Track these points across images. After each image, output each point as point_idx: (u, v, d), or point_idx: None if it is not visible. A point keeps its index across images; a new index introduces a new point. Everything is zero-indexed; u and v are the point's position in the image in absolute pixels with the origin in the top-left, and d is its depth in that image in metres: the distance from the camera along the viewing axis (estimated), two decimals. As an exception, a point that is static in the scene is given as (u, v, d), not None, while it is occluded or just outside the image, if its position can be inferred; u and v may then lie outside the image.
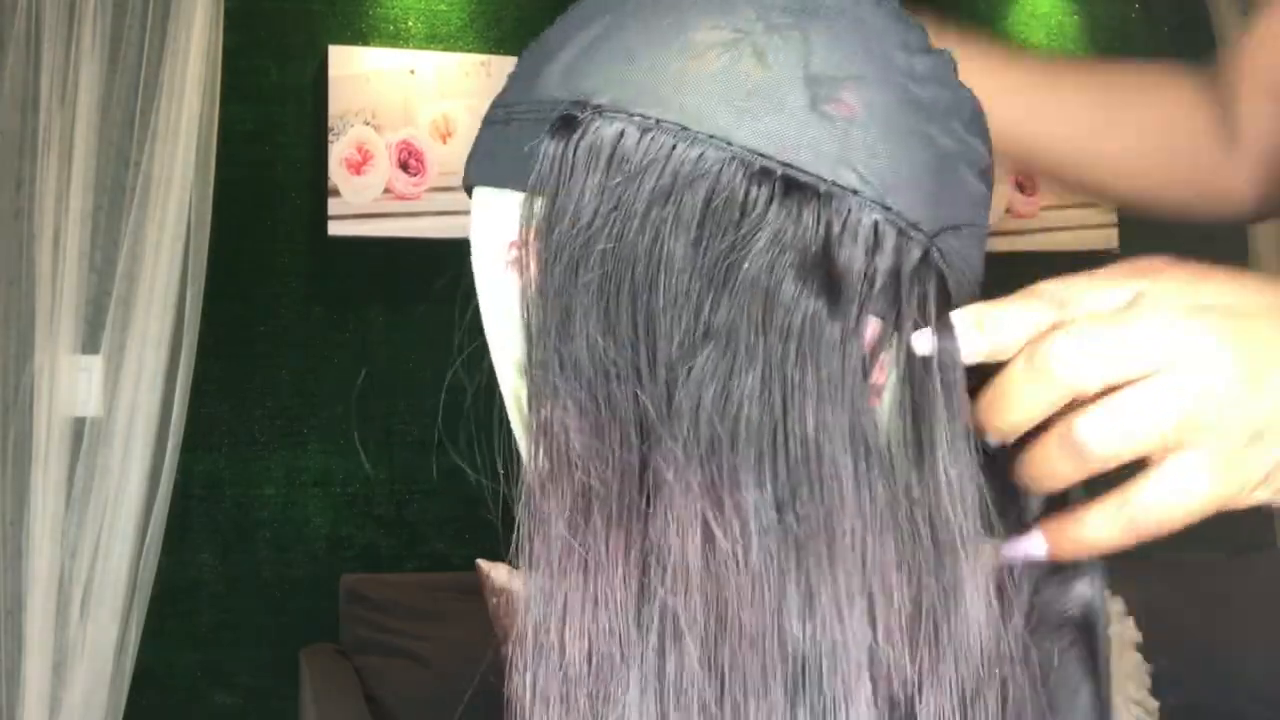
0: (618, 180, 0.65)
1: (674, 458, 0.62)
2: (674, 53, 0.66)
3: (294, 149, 4.16)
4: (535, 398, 0.68)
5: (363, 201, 4.10)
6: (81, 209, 3.34)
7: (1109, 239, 4.87)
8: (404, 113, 4.15)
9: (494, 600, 3.65)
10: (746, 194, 0.63)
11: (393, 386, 4.21)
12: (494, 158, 0.74)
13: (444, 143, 4.17)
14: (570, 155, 0.67)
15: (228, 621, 4.03)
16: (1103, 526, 0.64)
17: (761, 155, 0.64)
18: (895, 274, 0.64)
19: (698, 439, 0.61)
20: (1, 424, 3.32)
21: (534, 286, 0.68)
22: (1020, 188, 4.78)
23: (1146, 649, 3.81)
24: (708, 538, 0.61)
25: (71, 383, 3.35)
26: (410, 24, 4.21)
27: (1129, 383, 0.61)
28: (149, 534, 3.43)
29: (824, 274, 0.62)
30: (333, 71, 4.10)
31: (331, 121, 4.10)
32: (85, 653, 3.35)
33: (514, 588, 3.64)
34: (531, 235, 0.69)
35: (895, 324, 0.64)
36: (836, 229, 0.63)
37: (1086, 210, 4.87)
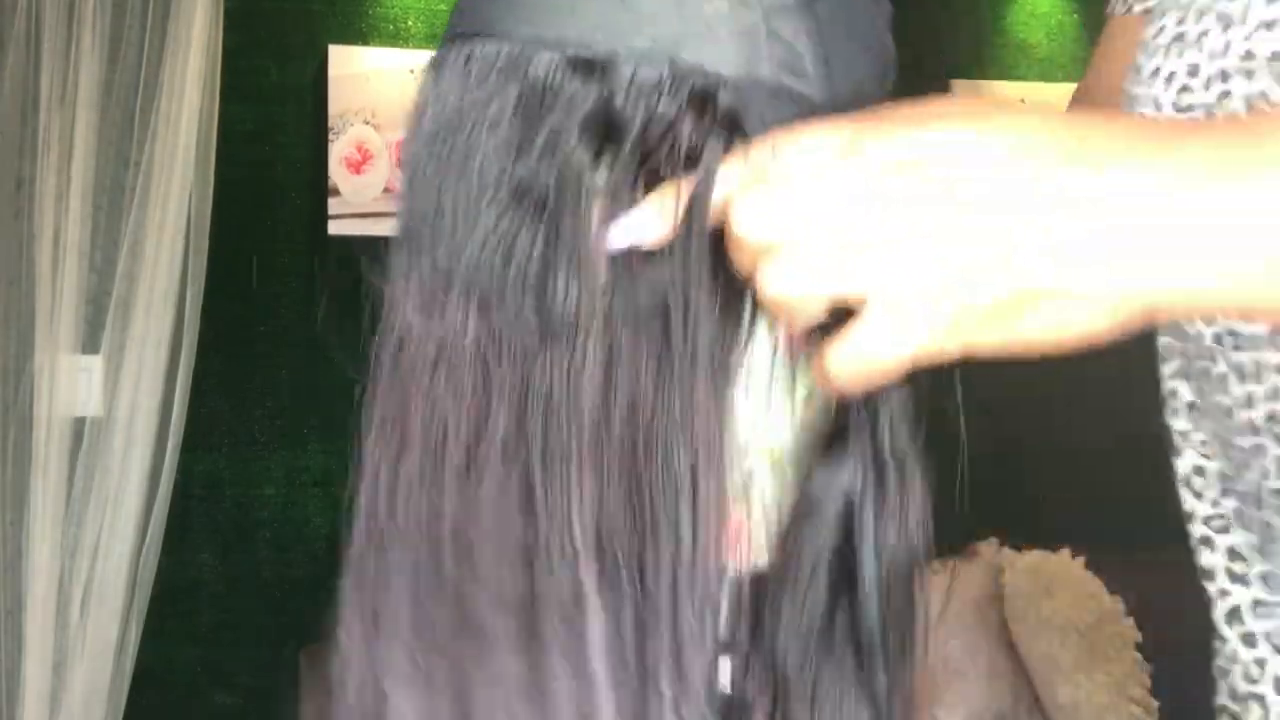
0: (460, 90, 0.75)
1: (481, 314, 0.73)
2: None
3: (294, 148, 4.19)
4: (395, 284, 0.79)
5: (363, 201, 4.13)
6: (81, 209, 3.37)
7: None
8: (404, 112, 4.17)
9: (494, 600, 3.67)
10: (550, 80, 0.71)
11: (393, 386, 4.24)
12: None
13: (444, 142, 4.20)
14: (432, 76, 0.79)
15: (228, 621, 4.05)
16: (830, 363, 0.68)
17: (565, 44, 0.72)
18: (675, 125, 0.70)
19: (495, 295, 0.72)
20: (1, 424, 3.36)
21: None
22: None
23: (1146, 648, 3.83)
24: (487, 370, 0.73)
25: (71, 383, 3.38)
26: (410, 23, 4.24)
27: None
28: (149, 534, 3.46)
29: (604, 131, 0.70)
30: (332, 71, 4.12)
31: (331, 121, 4.12)
32: (85, 653, 3.38)
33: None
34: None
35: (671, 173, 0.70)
36: (621, 88, 0.70)
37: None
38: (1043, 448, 4.47)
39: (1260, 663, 1.22)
